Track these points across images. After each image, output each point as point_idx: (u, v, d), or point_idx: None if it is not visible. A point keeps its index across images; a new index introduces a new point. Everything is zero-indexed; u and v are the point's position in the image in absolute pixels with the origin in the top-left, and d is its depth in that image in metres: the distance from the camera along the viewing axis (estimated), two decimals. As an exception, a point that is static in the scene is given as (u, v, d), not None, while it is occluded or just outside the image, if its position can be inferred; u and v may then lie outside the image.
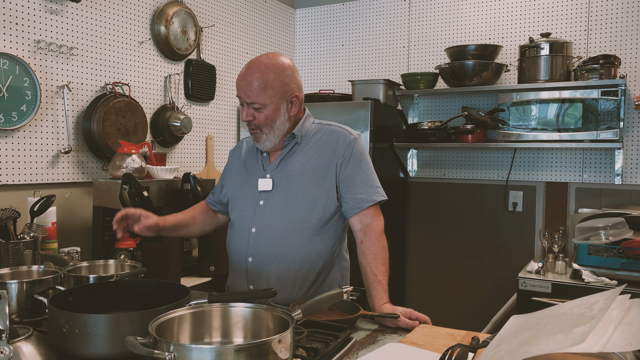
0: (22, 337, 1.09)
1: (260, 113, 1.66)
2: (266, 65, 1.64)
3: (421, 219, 3.65)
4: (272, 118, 1.67)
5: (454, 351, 1.04)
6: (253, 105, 1.65)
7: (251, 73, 1.64)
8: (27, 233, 1.97)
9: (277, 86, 1.65)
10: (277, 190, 1.71)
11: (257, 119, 1.67)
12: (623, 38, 3.04)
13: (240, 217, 1.76)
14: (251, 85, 1.63)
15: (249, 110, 1.67)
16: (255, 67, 1.64)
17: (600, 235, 2.62)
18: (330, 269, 1.78)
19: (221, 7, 3.34)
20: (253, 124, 1.69)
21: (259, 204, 1.72)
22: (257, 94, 1.63)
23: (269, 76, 1.63)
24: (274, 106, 1.66)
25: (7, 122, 2.19)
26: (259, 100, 1.64)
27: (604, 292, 1.08)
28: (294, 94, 1.69)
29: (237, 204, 1.78)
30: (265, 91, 1.63)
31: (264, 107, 1.65)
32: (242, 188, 1.78)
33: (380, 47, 3.77)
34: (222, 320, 1.23)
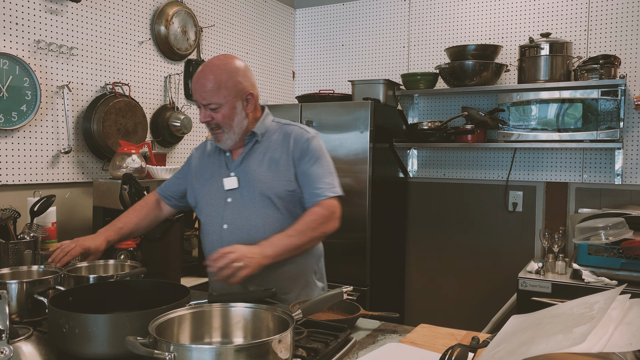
0: (22, 337, 1.09)
1: (217, 113, 1.71)
2: (218, 66, 1.70)
3: (421, 219, 3.65)
4: (230, 116, 1.73)
5: (454, 351, 1.04)
6: (209, 106, 1.70)
7: (204, 75, 1.69)
8: (27, 233, 1.97)
9: (231, 85, 1.70)
10: (242, 186, 1.76)
11: (214, 119, 1.72)
12: (623, 38, 3.04)
13: (210, 216, 1.81)
14: (205, 87, 1.68)
15: (206, 112, 1.72)
16: (207, 70, 1.70)
17: (600, 235, 2.62)
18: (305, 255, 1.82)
19: (221, 7, 3.34)
20: (212, 124, 1.74)
21: (227, 202, 1.77)
22: (211, 95, 1.69)
23: (222, 77, 1.69)
24: (230, 105, 1.72)
25: (7, 122, 2.19)
26: (214, 100, 1.69)
27: (604, 292, 1.08)
28: (248, 91, 1.75)
29: (206, 203, 1.82)
30: (219, 91, 1.69)
31: (220, 106, 1.71)
32: (209, 188, 1.83)
33: (380, 47, 3.77)
34: (222, 320, 1.23)
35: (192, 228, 2.73)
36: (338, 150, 3.07)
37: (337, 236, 3.27)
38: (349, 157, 3.05)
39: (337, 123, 3.08)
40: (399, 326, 1.50)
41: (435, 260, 3.61)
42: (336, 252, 3.10)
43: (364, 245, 3.04)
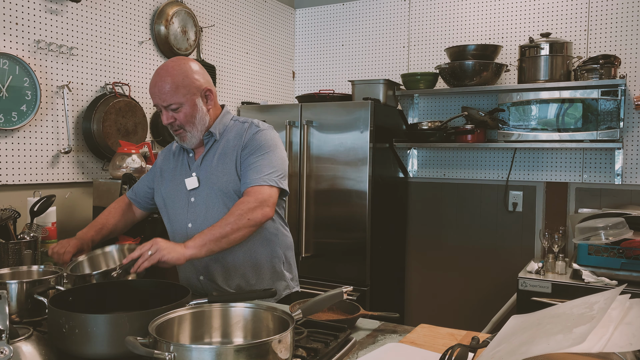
0: (22, 337, 1.09)
1: (179, 112, 1.73)
2: (173, 67, 1.73)
3: (421, 219, 3.65)
4: (191, 114, 1.75)
5: (454, 351, 1.04)
6: (170, 107, 1.72)
7: (161, 78, 1.71)
8: (27, 233, 1.97)
9: (188, 84, 1.73)
10: (203, 186, 1.79)
11: (177, 119, 1.74)
12: (623, 38, 3.04)
13: (175, 215, 1.84)
14: (163, 89, 1.70)
15: (168, 113, 1.74)
16: (164, 72, 1.72)
17: (600, 235, 2.62)
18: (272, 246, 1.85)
19: (221, 7, 3.34)
20: (175, 125, 1.76)
21: (190, 201, 1.80)
22: (171, 95, 1.71)
23: (178, 77, 1.71)
24: (190, 103, 1.74)
25: (7, 122, 2.19)
26: (174, 100, 1.71)
27: (604, 292, 1.08)
28: (206, 88, 1.78)
29: (171, 203, 1.85)
30: (178, 90, 1.71)
31: (180, 105, 1.73)
32: (173, 187, 1.86)
33: (380, 47, 3.77)
34: (222, 320, 1.23)
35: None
36: (338, 150, 3.07)
37: (337, 236, 3.28)
38: (349, 157, 3.05)
39: (337, 123, 3.08)
40: (399, 326, 1.50)
41: (435, 260, 3.60)
42: (336, 252, 3.11)
43: (364, 245, 3.04)
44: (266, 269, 1.83)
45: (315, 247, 3.14)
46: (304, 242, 3.13)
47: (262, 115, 3.32)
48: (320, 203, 3.15)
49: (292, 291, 1.92)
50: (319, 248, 3.17)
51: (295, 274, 1.96)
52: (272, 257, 1.85)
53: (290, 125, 3.20)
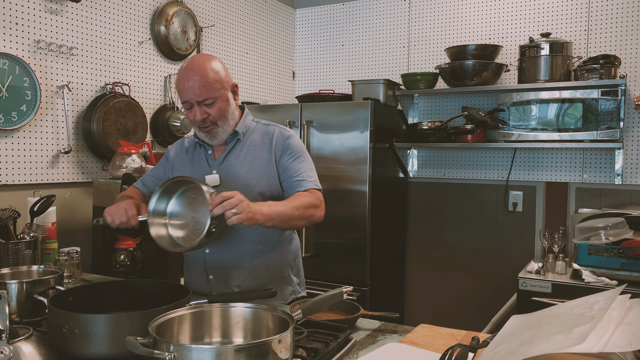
0: (22, 337, 1.09)
1: (212, 107, 1.72)
2: (203, 63, 1.71)
3: (421, 219, 3.65)
4: (225, 109, 1.74)
5: (454, 351, 1.04)
6: (205, 102, 1.70)
7: (194, 73, 1.69)
8: (27, 233, 1.97)
9: (221, 78, 1.72)
10: (224, 184, 1.77)
11: (211, 114, 1.72)
12: (623, 38, 3.04)
13: None
14: (198, 84, 1.68)
15: (201, 109, 1.71)
16: (195, 67, 1.70)
17: (600, 235, 2.62)
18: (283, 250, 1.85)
19: (221, 7, 3.34)
20: (208, 120, 1.73)
21: None
22: (207, 90, 1.69)
23: (211, 72, 1.70)
24: (224, 97, 1.73)
25: (7, 122, 2.19)
26: (210, 95, 1.69)
27: (604, 292, 1.08)
28: (233, 83, 1.79)
29: None
30: (212, 85, 1.69)
31: (215, 100, 1.71)
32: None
33: (380, 47, 3.77)
34: (222, 320, 1.23)
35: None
36: (338, 150, 3.07)
37: (337, 236, 3.28)
38: (349, 157, 3.05)
39: (337, 123, 3.08)
40: (399, 326, 1.50)
41: (435, 260, 3.60)
42: (336, 252, 3.10)
43: (364, 245, 3.04)
44: (277, 273, 1.83)
45: (315, 247, 3.14)
46: (304, 242, 3.12)
47: (262, 115, 3.32)
48: (320, 203, 3.14)
49: (297, 296, 1.91)
50: (319, 248, 3.17)
51: (302, 279, 1.96)
52: (283, 261, 1.85)
53: (290, 125, 3.20)
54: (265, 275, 1.79)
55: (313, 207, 1.71)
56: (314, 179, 1.79)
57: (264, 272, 1.79)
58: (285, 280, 1.86)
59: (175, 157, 1.92)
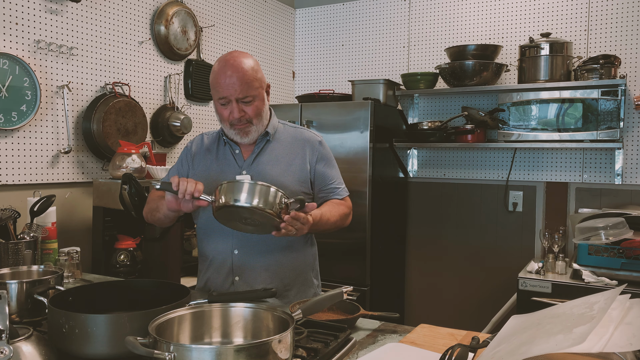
0: (22, 337, 1.09)
1: (250, 106, 1.69)
2: (242, 60, 1.69)
3: (421, 219, 3.65)
4: (261, 108, 1.73)
5: (454, 351, 1.04)
6: (244, 100, 1.68)
7: (235, 70, 1.66)
8: (27, 233, 1.97)
9: (260, 77, 1.71)
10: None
11: (247, 112, 1.70)
12: (623, 38, 3.04)
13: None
14: (239, 81, 1.65)
15: (239, 106, 1.69)
16: (235, 64, 1.67)
17: (600, 235, 2.62)
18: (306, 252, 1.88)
19: (221, 7, 3.34)
20: (244, 119, 1.71)
21: None
22: (247, 88, 1.66)
23: (250, 70, 1.68)
24: (261, 97, 1.72)
25: (7, 122, 2.19)
26: (249, 92, 1.67)
27: (604, 292, 1.08)
28: (267, 83, 1.78)
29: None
30: (252, 83, 1.68)
31: (253, 99, 1.69)
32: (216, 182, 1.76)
33: (380, 47, 3.77)
34: (222, 320, 1.23)
35: (192, 228, 2.73)
36: (338, 150, 3.07)
37: (337, 236, 3.27)
38: (349, 157, 3.05)
39: (337, 123, 3.08)
40: (399, 326, 1.50)
41: (435, 260, 3.60)
42: (336, 252, 3.10)
43: (364, 245, 3.04)
44: (301, 275, 1.82)
45: (315, 247, 3.14)
46: (304, 242, 3.12)
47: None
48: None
49: None
50: (319, 248, 3.15)
51: (319, 281, 1.96)
52: (307, 264, 1.86)
53: (290, 125, 3.20)
54: (290, 277, 1.79)
55: (347, 215, 1.86)
56: (344, 185, 1.90)
57: (290, 274, 1.79)
58: (307, 282, 1.86)
59: (197, 153, 1.86)
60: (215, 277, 1.80)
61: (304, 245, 1.85)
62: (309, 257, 1.88)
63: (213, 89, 1.71)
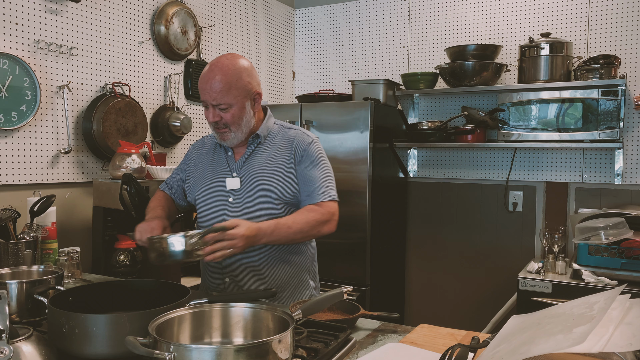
0: (22, 337, 1.09)
1: (227, 113, 1.70)
2: (227, 66, 1.68)
3: (421, 219, 3.65)
4: (239, 116, 1.72)
5: (454, 351, 1.04)
6: (219, 107, 1.69)
7: (214, 76, 1.67)
8: (27, 233, 1.97)
9: (241, 86, 1.70)
10: (245, 187, 1.76)
11: (224, 119, 1.71)
12: (623, 38, 3.04)
13: (210, 214, 1.80)
14: (215, 88, 1.66)
15: (215, 112, 1.70)
16: (217, 70, 1.68)
17: (600, 235, 2.62)
18: (301, 255, 1.84)
19: (221, 7, 3.34)
20: (220, 124, 1.72)
21: (228, 201, 1.77)
22: (223, 95, 1.67)
23: (232, 77, 1.68)
24: (240, 105, 1.71)
25: (7, 122, 2.19)
26: (225, 101, 1.68)
27: (604, 292, 1.08)
28: (256, 91, 1.75)
29: (206, 202, 1.82)
30: (230, 92, 1.67)
31: (230, 107, 1.69)
32: (210, 185, 1.82)
33: (380, 47, 3.77)
34: (222, 320, 1.23)
35: (192, 228, 2.73)
36: (338, 150, 3.07)
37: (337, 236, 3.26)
38: (349, 157, 3.05)
39: (337, 123, 3.08)
40: (399, 326, 1.50)
41: (435, 260, 3.60)
42: (336, 252, 3.10)
43: (364, 245, 3.04)
44: (295, 278, 1.82)
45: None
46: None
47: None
48: (320, 203, 3.14)
49: None
50: (319, 248, 3.15)
51: (317, 282, 1.96)
52: (302, 266, 1.84)
53: (290, 125, 3.20)
54: (282, 280, 1.78)
55: (322, 222, 1.71)
56: (328, 189, 1.77)
57: (282, 277, 1.78)
58: (303, 284, 1.85)
59: (197, 159, 1.91)
60: (209, 277, 1.83)
61: (298, 247, 1.83)
62: (305, 258, 1.86)
63: (199, 90, 1.73)
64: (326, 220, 1.72)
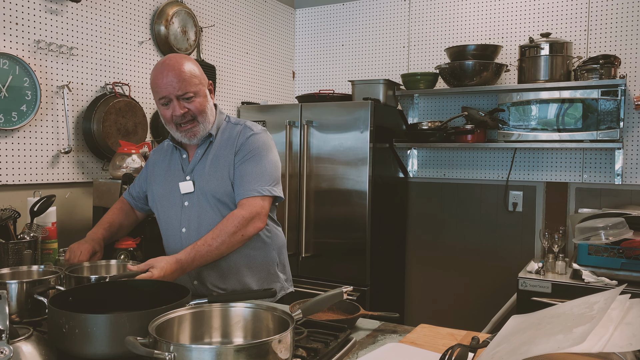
0: (22, 337, 1.09)
1: (192, 102, 1.70)
2: (178, 60, 1.70)
3: (421, 219, 3.65)
4: (203, 104, 1.73)
5: (454, 351, 1.04)
6: (185, 96, 1.69)
7: (172, 68, 1.68)
8: (27, 233, 1.97)
9: (198, 74, 1.72)
10: (197, 190, 1.75)
11: (190, 109, 1.71)
12: (623, 38, 3.04)
13: (168, 219, 1.80)
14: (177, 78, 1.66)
15: (181, 103, 1.69)
16: (173, 63, 1.69)
17: (600, 235, 2.62)
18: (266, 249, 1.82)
19: (221, 7, 3.34)
20: (188, 115, 1.71)
21: (184, 205, 1.76)
22: (187, 84, 1.68)
23: (188, 67, 1.69)
24: (202, 93, 1.73)
25: (7, 122, 2.19)
26: (189, 89, 1.68)
27: (604, 292, 1.08)
28: (209, 81, 1.78)
29: (164, 207, 1.82)
30: (192, 79, 1.69)
31: (195, 95, 1.70)
32: (165, 189, 1.82)
33: (380, 47, 3.77)
34: (222, 320, 1.23)
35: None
36: (338, 150, 3.07)
37: (337, 236, 3.28)
38: (349, 157, 3.05)
39: (337, 123, 3.08)
40: (399, 326, 1.50)
41: (435, 260, 3.60)
42: (336, 252, 3.11)
43: (364, 245, 3.04)
44: (261, 271, 1.81)
45: (315, 247, 3.14)
46: (304, 242, 3.13)
47: (262, 115, 3.32)
48: (320, 203, 3.15)
49: (286, 292, 1.89)
50: (319, 248, 3.17)
51: (289, 274, 1.94)
52: (266, 259, 1.82)
53: (290, 125, 3.20)
54: (247, 274, 1.76)
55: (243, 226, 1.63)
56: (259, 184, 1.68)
57: (245, 271, 1.76)
58: (271, 277, 1.83)
59: (155, 163, 1.92)
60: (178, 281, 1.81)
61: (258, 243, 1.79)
62: (268, 251, 1.83)
63: (153, 91, 1.73)
64: (246, 223, 1.63)
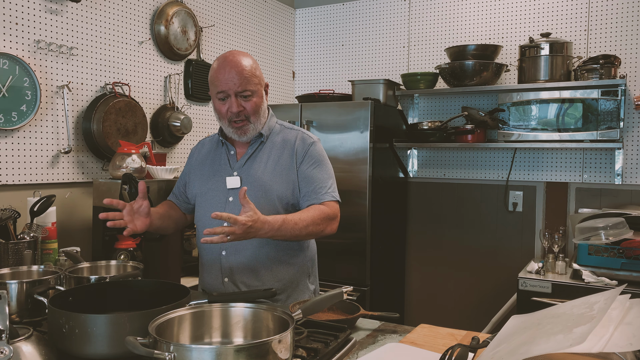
0: (22, 337, 1.09)
1: (249, 101, 1.70)
2: (243, 57, 1.70)
3: (421, 219, 3.65)
4: (259, 105, 1.73)
5: (454, 351, 1.04)
6: (243, 94, 1.68)
7: (234, 65, 1.67)
8: (27, 233, 1.97)
9: (258, 74, 1.72)
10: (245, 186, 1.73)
11: (246, 108, 1.70)
12: (623, 38, 3.04)
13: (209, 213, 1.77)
14: (238, 75, 1.66)
15: (238, 101, 1.69)
16: (236, 59, 1.68)
17: (600, 235, 2.62)
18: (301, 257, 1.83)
19: (221, 7, 3.34)
20: (243, 114, 1.71)
21: (228, 201, 1.75)
22: (247, 82, 1.67)
23: (250, 66, 1.69)
24: (259, 93, 1.73)
25: (7, 122, 2.19)
26: (249, 87, 1.68)
27: (604, 292, 1.08)
28: (266, 82, 1.78)
29: (206, 201, 1.81)
30: (252, 78, 1.68)
31: (252, 94, 1.70)
32: (209, 185, 1.81)
33: (380, 47, 3.77)
34: (222, 320, 1.23)
35: (192, 228, 2.73)
36: (338, 150, 3.07)
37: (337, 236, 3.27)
38: (349, 157, 3.05)
39: (337, 123, 3.08)
40: (399, 326, 1.50)
41: (435, 260, 3.60)
42: (336, 252, 3.10)
43: (364, 245, 3.04)
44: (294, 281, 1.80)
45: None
46: (304, 242, 3.12)
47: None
48: (320, 203, 3.14)
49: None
50: (319, 248, 3.15)
51: (317, 285, 1.94)
52: (301, 269, 1.82)
53: (290, 125, 3.19)
54: (281, 283, 1.76)
55: (324, 221, 1.69)
56: (331, 189, 1.76)
57: (281, 278, 1.76)
58: (301, 287, 1.83)
59: (198, 159, 1.91)
60: (207, 277, 1.82)
61: (298, 249, 1.81)
62: (305, 261, 1.84)
63: (212, 84, 1.72)
64: (330, 220, 1.71)
